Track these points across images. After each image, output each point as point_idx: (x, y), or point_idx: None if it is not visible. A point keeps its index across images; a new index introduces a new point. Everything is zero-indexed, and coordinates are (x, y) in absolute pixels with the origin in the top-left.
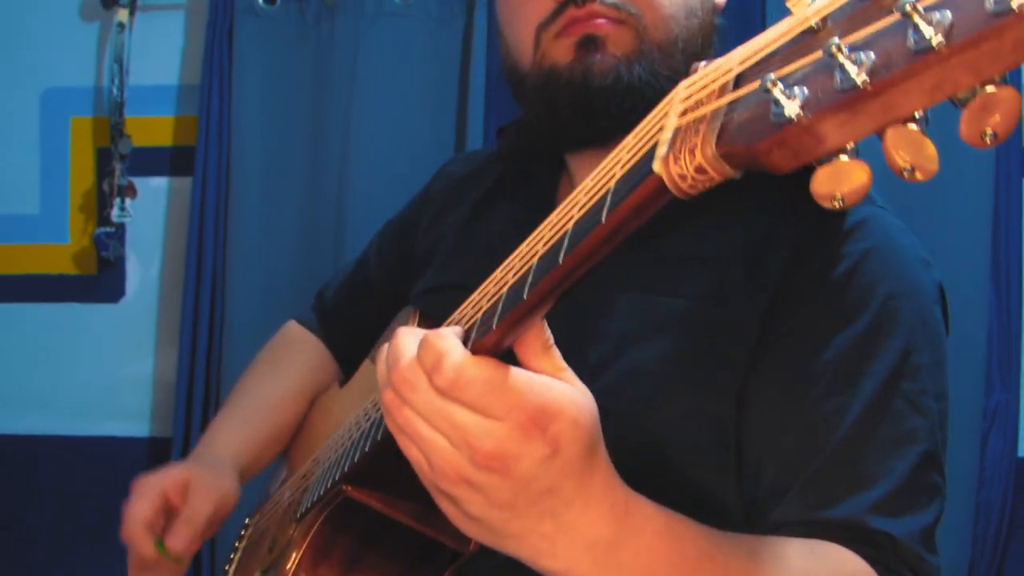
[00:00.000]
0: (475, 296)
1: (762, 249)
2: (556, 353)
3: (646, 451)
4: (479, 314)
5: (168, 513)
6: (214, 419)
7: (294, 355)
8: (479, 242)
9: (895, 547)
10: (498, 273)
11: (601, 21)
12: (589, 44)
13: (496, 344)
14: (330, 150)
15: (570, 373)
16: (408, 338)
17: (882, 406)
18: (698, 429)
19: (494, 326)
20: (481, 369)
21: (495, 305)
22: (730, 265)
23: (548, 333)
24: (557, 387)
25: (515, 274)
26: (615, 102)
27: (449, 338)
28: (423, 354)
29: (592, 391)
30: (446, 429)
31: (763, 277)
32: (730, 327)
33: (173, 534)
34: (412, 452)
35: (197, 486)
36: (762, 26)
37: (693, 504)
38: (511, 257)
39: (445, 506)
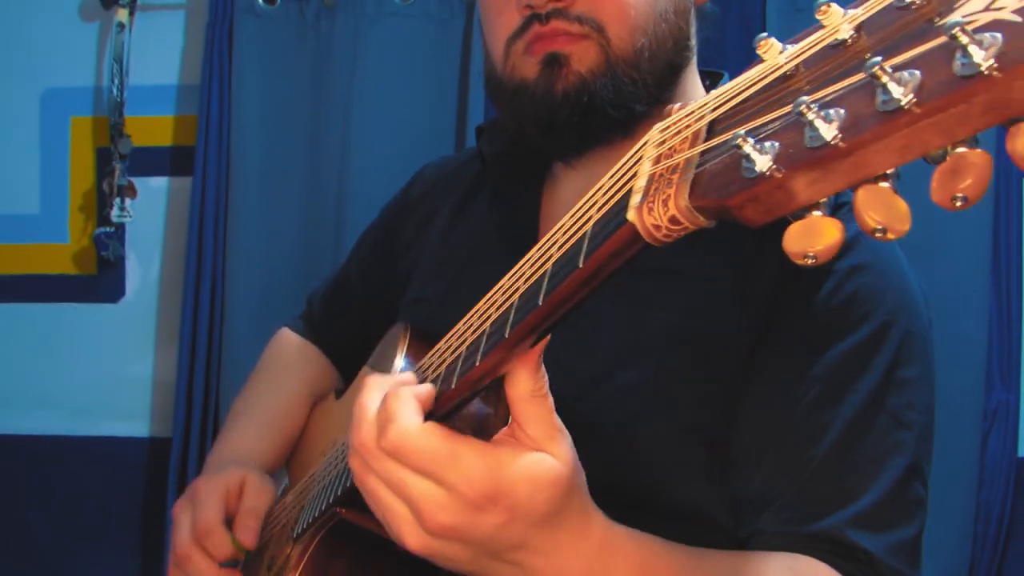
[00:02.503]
0: (458, 328)
1: (752, 265)
2: (546, 402)
3: (637, 468)
4: (463, 348)
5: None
6: (226, 429)
7: (295, 361)
8: (462, 249)
9: (872, 562)
10: (481, 306)
11: (563, 38)
12: (553, 62)
13: (476, 383)
14: (330, 150)
15: (552, 427)
16: (372, 395)
17: (867, 421)
18: (689, 445)
19: (478, 361)
20: (427, 439)
21: (477, 341)
22: (720, 280)
23: (543, 378)
24: (514, 463)
25: (498, 308)
26: (575, 120)
27: (405, 400)
28: (378, 415)
29: (581, 408)
30: (404, 496)
31: (753, 292)
32: (719, 342)
33: (242, 528)
34: (377, 514)
35: (252, 483)
36: (763, 26)
37: (685, 520)
38: (493, 291)
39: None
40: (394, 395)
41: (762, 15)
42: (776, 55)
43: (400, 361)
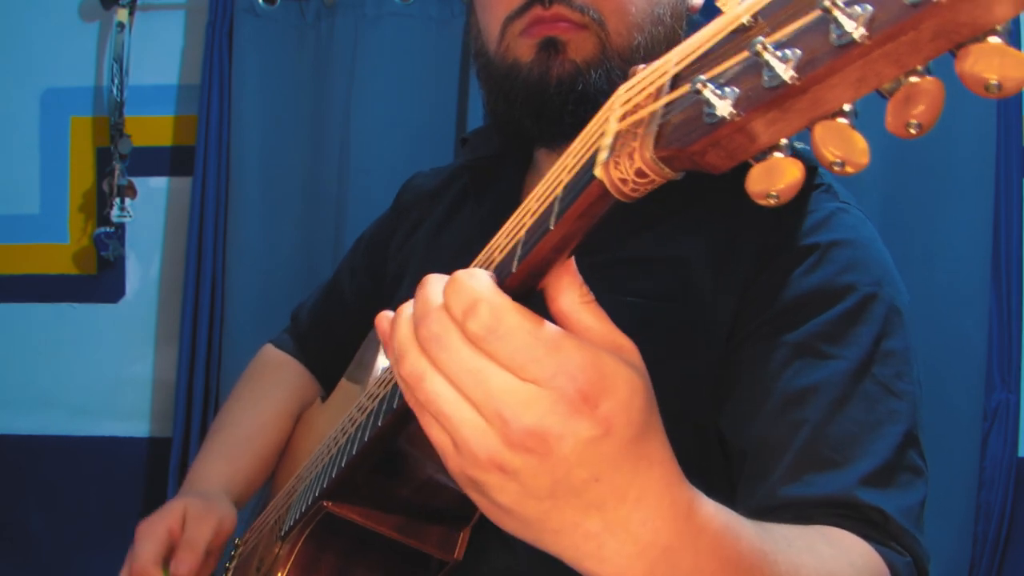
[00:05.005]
0: None
1: (728, 248)
2: (600, 309)
3: None
4: None
5: (172, 546)
6: (200, 452)
7: (274, 378)
8: (449, 249)
9: (887, 522)
10: None
11: (564, 25)
12: (550, 47)
13: None
14: (329, 150)
15: (619, 334)
16: (435, 286)
17: (855, 389)
18: (675, 432)
19: None
20: (523, 318)
21: None
22: (696, 265)
23: (586, 287)
24: (610, 357)
25: None
26: (568, 108)
27: (483, 278)
28: (453, 299)
29: None
30: (478, 397)
31: (731, 275)
32: (699, 327)
33: (177, 560)
34: (435, 433)
35: (193, 514)
36: None
37: None
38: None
39: (474, 496)
40: (468, 274)
41: None
42: (735, 5)
43: (383, 360)
